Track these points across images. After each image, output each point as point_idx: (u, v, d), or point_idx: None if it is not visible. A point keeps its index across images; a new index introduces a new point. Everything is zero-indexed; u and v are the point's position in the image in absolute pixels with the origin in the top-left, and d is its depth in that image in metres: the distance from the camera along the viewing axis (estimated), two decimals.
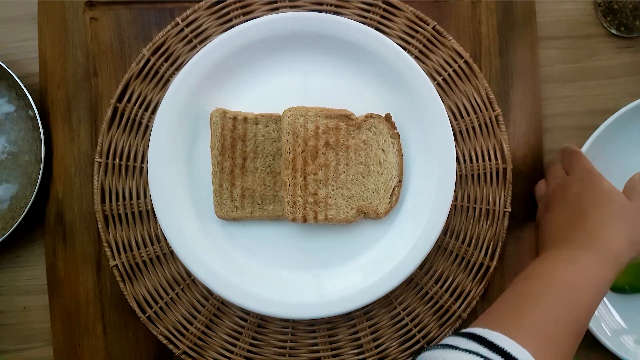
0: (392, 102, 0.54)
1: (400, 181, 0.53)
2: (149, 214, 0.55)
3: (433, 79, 0.55)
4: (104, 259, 0.55)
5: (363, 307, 0.54)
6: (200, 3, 0.55)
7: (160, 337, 0.54)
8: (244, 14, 0.55)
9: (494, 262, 0.56)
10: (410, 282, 0.56)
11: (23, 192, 0.54)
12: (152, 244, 0.55)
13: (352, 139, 0.52)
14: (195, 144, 0.54)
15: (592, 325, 0.55)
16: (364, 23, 0.54)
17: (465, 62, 0.56)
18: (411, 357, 0.55)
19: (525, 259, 0.57)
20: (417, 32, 0.56)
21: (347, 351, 0.55)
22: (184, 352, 0.54)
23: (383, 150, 0.53)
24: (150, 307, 0.54)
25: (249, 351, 0.55)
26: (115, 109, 0.54)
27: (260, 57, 0.54)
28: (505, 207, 0.56)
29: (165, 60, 0.55)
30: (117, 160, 0.55)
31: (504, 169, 0.56)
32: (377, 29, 0.55)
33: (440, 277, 0.56)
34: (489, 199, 0.56)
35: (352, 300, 0.51)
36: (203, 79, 0.52)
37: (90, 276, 0.56)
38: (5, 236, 0.52)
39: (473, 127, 0.56)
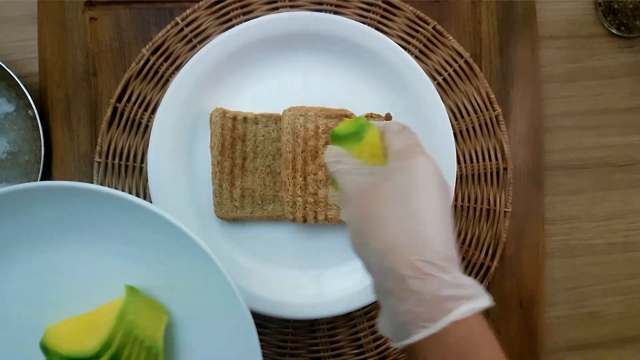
0: (392, 102, 0.54)
1: None
2: None
3: (433, 78, 0.55)
4: None
5: (363, 307, 0.54)
6: (200, 3, 0.55)
7: None
8: (244, 14, 0.55)
9: (495, 263, 0.55)
10: None
11: None
12: None
13: None
14: (194, 144, 0.53)
15: None
16: (364, 23, 0.54)
17: (466, 61, 0.56)
18: None
19: (525, 259, 0.57)
20: (417, 31, 0.56)
21: (347, 351, 0.55)
22: None
23: None
24: None
25: None
26: (114, 109, 0.54)
27: (260, 57, 0.53)
28: (505, 207, 0.56)
29: (165, 60, 0.55)
30: (117, 160, 0.54)
31: (504, 169, 0.56)
32: (377, 28, 0.55)
33: None
34: (489, 199, 0.56)
35: (352, 300, 0.51)
36: (203, 79, 0.52)
37: None
38: None
39: (473, 127, 0.56)
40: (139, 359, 0.42)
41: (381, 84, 0.54)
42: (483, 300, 0.31)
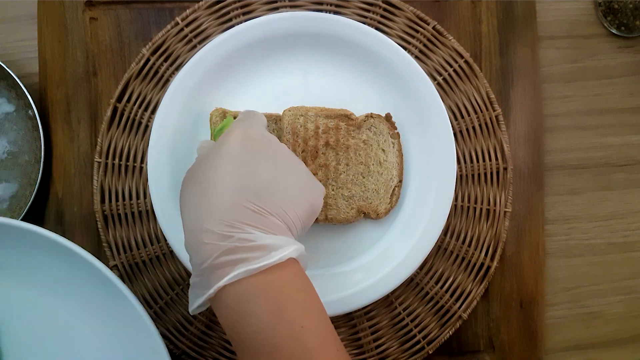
0: (392, 102, 0.54)
1: (400, 181, 0.53)
2: (149, 214, 0.55)
3: (433, 78, 0.55)
4: (104, 259, 0.55)
5: (363, 307, 0.54)
6: (200, 3, 0.55)
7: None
8: (244, 14, 0.55)
9: (495, 263, 0.55)
10: (411, 282, 0.56)
11: (22, 192, 0.54)
12: (152, 244, 0.55)
13: (352, 138, 0.52)
14: (195, 144, 0.53)
15: None
16: (364, 23, 0.54)
17: (466, 61, 0.56)
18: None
19: (525, 259, 0.57)
20: (417, 31, 0.56)
21: (347, 351, 0.55)
22: (184, 352, 0.54)
23: (383, 150, 0.53)
24: (150, 307, 0.54)
25: None
26: (115, 109, 0.54)
27: (260, 57, 0.53)
28: (506, 207, 0.56)
29: (165, 60, 0.55)
30: (117, 160, 0.54)
31: (504, 169, 0.56)
32: (377, 28, 0.55)
33: (440, 277, 0.56)
34: (489, 199, 0.56)
35: (352, 300, 0.51)
36: (203, 79, 0.52)
37: None
38: None
39: (473, 127, 0.56)
40: None
41: (381, 84, 0.54)
42: (265, 260, 0.32)
